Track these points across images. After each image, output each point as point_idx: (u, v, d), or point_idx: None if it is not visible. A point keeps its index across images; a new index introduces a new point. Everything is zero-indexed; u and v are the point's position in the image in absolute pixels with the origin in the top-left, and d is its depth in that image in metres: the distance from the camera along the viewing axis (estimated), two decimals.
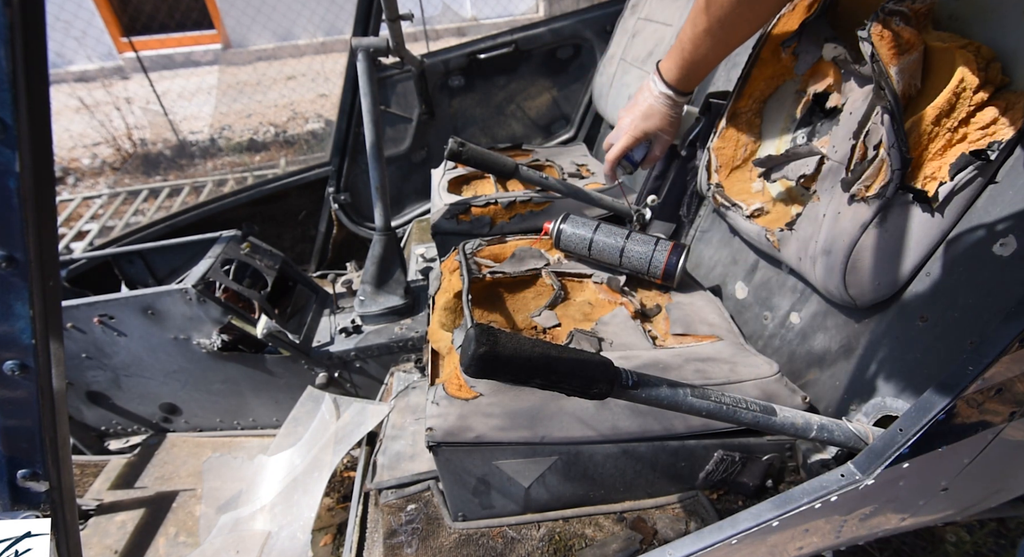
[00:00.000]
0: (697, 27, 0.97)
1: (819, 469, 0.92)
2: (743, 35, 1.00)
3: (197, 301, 1.44)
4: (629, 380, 0.69)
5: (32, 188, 0.49)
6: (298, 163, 4.47)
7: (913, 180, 0.80)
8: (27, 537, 0.58)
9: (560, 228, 1.20)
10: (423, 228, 2.17)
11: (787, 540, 0.80)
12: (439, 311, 1.15)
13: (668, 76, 1.08)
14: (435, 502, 1.07)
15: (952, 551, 1.48)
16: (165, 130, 5.07)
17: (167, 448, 1.66)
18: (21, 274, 0.51)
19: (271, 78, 6.76)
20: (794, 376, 1.05)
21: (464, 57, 2.18)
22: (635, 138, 1.16)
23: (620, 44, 1.93)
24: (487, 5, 7.99)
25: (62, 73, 6.91)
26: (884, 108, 0.78)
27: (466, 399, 0.92)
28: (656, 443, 0.95)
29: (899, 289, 0.88)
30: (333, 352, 1.60)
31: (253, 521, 1.34)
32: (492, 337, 0.62)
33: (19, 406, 0.55)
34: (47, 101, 0.51)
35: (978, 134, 0.75)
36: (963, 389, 0.66)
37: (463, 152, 1.36)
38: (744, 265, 1.23)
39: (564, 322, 1.12)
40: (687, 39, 1.00)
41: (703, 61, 1.03)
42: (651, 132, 1.15)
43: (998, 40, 0.76)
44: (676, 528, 0.97)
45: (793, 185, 1.04)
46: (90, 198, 3.89)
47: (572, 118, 2.42)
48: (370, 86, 1.44)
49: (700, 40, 0.99)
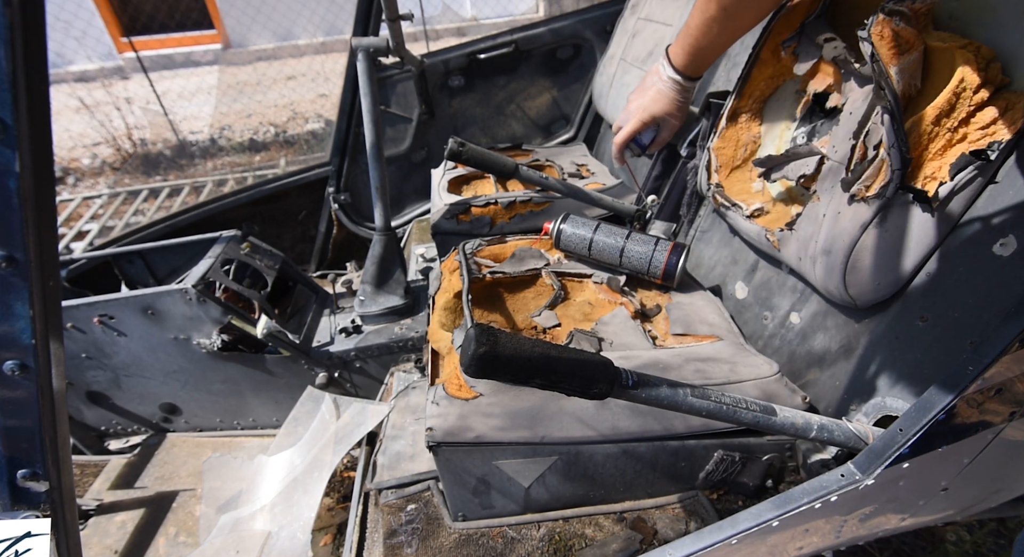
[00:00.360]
0: (706, 12, 0.98)
1: (819, 469, 0.92)
2: (751, 20, 1.00)
3: (197, 301, 1.44)
4: (629, 380, 0.69)
5: (32, 188, 0.49)
6: (298, 163, 4.47)
7: (913, 180, 0.80)
8: (27, 537, 0.58)
9: (560, 228, 1.20)
10: (423, 228, 2.17)
11: (787, 540, 0.80)
12: (439, 311, 1.15)
13: (676, 61, 1.09)
14: (435, 502, 1.07)
15: (952, 550, 1.48)
16: (165, 130, 5.07)
17: (167, 448, 1.66)
18: (21, 274, 0.51)
19: (271, 78, 6.76)
20: (794, 376, 1.05)
21: (464, 57, 2.18)
22: (643, 121, 1.17)
23: (620, 44, 1.93)
24: (487, 5, 7.99)
25: (62, 73, 6.91)
26: (884, 108, 0.78)
27: (466, 399, 0.92)
28: (656, 443, 0.95)
29: (899, 289, 0.88)
30: (333, 352, 1.60)
31: (253, 521, 1.34)
32: (492, 337, 0.62)
33: (19, 406, 0.55)
34: (47, 101, 0.51)
35: (978, 134, 0.75)
36: (963, 389, 0.66)
37: (463, 152, 1.36)
38: (744, 265, 1.23)
39: (564, 322, 1.12)
40: (695, 24, 1.01)
41: (711, 46, 1.04)
42: (659, 116, 1.17)
43: (998, 40, 0.76)
44: (676, 528, 0.97)
45: (793, 185, 1.04)
46: (90, 198, 3.89)
47: (572, 118, 2.42)
48: (370, 86, 1.44)
49: (708, 25, 0.99)
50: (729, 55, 1.49)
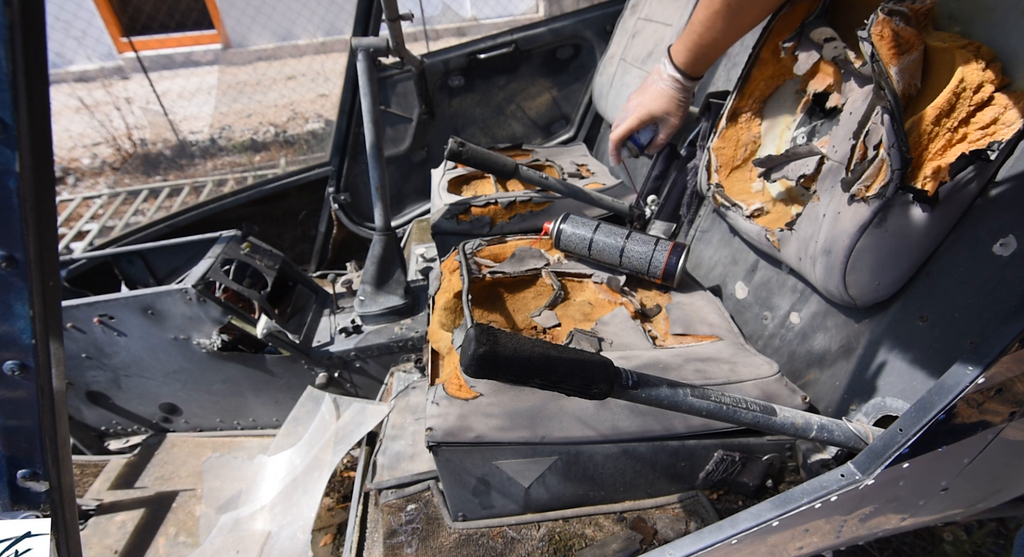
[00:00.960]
0: (709, 8, 0.98)
1: (819, 469, 0.92)
2: (756, 15, 1.00)
3: (197, 301, 1.44)
4: (629, 380, 0.69)
5: (32, 188, 0.49)
6: (298, 163, 4.47)
7: (913, 180, 0.80)
8: (27, 537, 0.58)
9: (560, 228, 1.20)
10: (423, 228, 2.17)
11: (787, 540, 0.80)
12: (439, 311, 1.15)
13: (678, 59, 1.09)
14: (435, 502, 1.07)
15: (950, 551, 1.48)
16: (165, 130, 5.07)
17: (167, 448, 1.66)
18: (21, 274, 0.51)
19: (271, 78, 6.76)
20: (794, 376, 1.05)
21: (464, 57, 2.18)
22: (641, 120, 1.16)
23: (620, 44, 1.93)
24: (487, 5, 7.99)
25: (62, 73, 6.91)
26: (884, 108, 0.78)
27: (466, 399, 0.92)
28: (656, 443, 0.95)
29: (899, 289, 0.88)
30: (333, 352, 1.60)
31: (253, 521, 1.34)
32: (492, 337, 0.62)
33: (19, 406, 0.55)
34: (47, 101, 0.51)
35: (978, 134, 0.75)
36: (963, 389, 0.66)
37: (463, 152, 1.36)
38: (744, 265, 1.23)
39: (564, 322, 1.12)
40: (699, 21, 1.01)
41: (714, 43, 1.03)
42: (657, 114, 1.15)
43: (998, 40, 0.76)
44: (676, 528, 0.97)
45: (793, 185, 1.04)
46: (90, 198, 3.90)
47: (572, 118, 2.42)
48: (370, 86, 1.44)
49: (712, 22, 0.99)
50: (729, 55, 1.49)
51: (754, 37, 1.12)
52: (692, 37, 1.04)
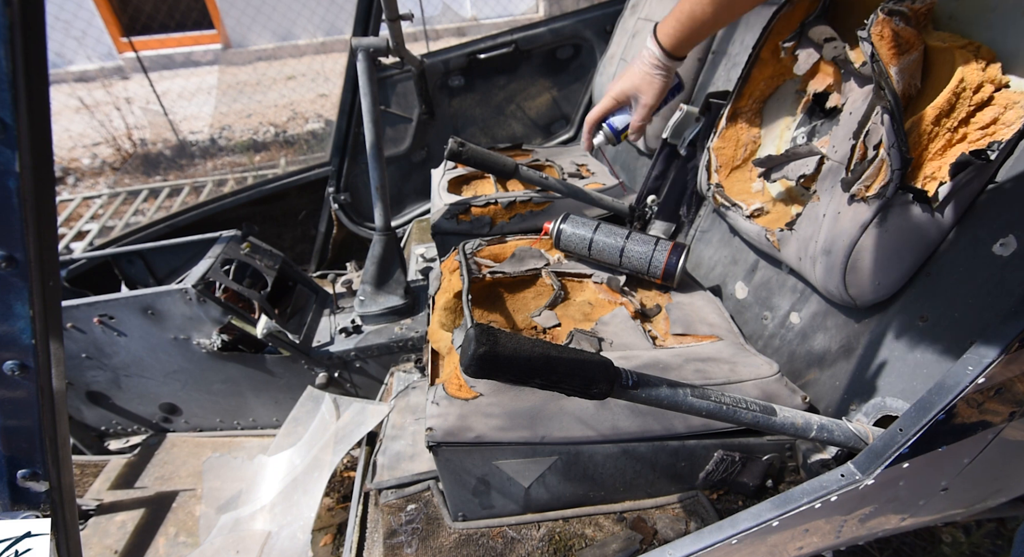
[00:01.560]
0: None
1: (819, 469, 0.92)
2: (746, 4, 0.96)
3: (197, 301, 1.44)
4: (629, 380, 0.69)
5: (32, 188, 0.49)
6: (298, 163, 4.47)
7: (913, 180, 0.80)
8: (27, 537, 0.58)
9: (560, 228, 1.20)
10: (423, 228, 2.17)
11: (787, 540, 0.80)
12: (439, 311, 1.15)
13: (662, 34, 1.04)
14: (435, 502, 1.07)
15: (949, 552, 1.48)
16: (165, 130, 5.07)
17: (167, 448, 1.66)
18: (21, 274, 0.51)
19: (271, 78, 6.76)
20: (794, 376, 1.05)
21: (464, 57, 2.18)
22: (614, 99, 1.12)
23: (620, 44, 1.93)
24: (487, 5, 7.99)
25: (62, 73, 6.91)
26: (884, 108, 0.78)
27: (466, 399, 0.92)
28: (656, 443, 0.95)
29: (899, 289, 0.88)
30: (333, 352, 1.60)
31: (253, 521, 1.34)
32: (492, 337, 0.62)
33: (19, 406, 0.55)
34: (47, 101, 0.51)
35: (978, 134, 0.75)
36: (963, 389, 0.66)
37: (463, 152, 1.36)
38: (744, 265, 1.23)
39: (564, 322, 1.12)
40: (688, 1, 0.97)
41: (701, 26, 0.99)
42: (629, 92, 1.10)
43: (998, 40, 0.76)
44: (676, 528, 0.97)
45: (793, 185, 1.04)
46: (90, 198, 3.89)
47: (572, 118, 2.43)
48: (370, 86, 1.44)
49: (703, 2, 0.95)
50: (729, 55, 1.49)
51: (754, 37, 1.12)
52: (680, 16, 1.00)
